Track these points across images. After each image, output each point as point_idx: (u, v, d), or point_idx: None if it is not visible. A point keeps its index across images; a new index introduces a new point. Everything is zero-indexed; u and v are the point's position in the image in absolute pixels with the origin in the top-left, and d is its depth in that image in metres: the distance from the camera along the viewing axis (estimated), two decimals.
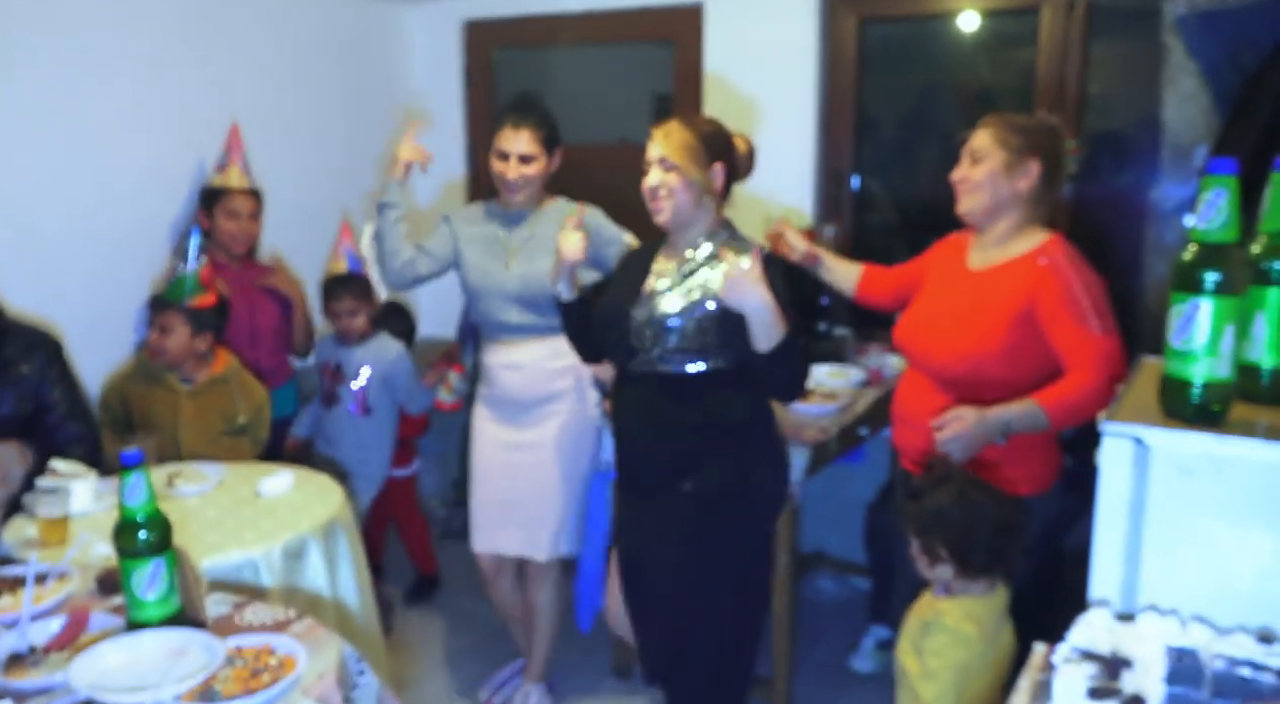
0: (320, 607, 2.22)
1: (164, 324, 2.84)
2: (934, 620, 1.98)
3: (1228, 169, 1.25)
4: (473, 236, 2.78)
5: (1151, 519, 1.27)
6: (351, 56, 4.01)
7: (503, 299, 2.73)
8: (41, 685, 1.50)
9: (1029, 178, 2.21)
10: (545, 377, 2.76)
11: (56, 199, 2.94)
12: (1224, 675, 1.11)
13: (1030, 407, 2.10)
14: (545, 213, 2.77)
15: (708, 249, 2.25)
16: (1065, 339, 2.13)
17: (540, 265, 2.67)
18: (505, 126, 2.66)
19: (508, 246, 2.75)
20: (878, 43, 3.66)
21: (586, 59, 4.22)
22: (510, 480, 2.81)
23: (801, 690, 3.04)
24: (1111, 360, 2.09)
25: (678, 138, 2.19)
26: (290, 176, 3.66)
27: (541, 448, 2.78)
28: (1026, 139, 2.21)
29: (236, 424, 2.93)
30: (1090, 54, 3.27)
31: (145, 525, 1.61)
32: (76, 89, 2.97)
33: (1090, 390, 2.07)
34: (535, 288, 2.67)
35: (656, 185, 2.20)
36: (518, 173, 2.66)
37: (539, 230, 2.74)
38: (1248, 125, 2.54)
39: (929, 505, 1.97)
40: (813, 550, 3.77)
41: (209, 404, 2.90)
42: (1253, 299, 1.32)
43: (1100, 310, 2.13)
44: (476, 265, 2.75)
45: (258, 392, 3.01)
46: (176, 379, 2.88)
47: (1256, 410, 1.30)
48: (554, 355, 2.74)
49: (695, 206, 2.22)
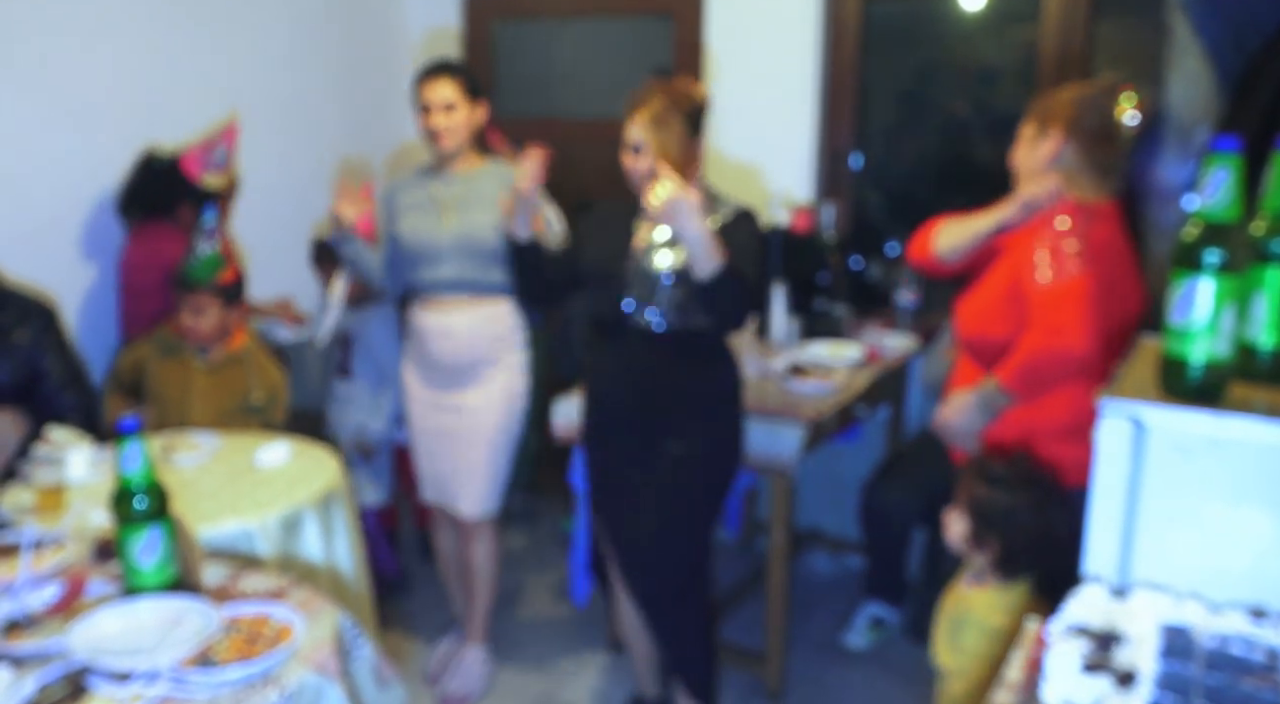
0: (316, 577, 2.23)
1: (198, 306, 2.80)
2: (963, 617, 1.95)
3: (1232, 147, 1.25)
4: (409, 204, 2.79)
5: (1148, 497, 1.28)
6: (349, 29, 3.98)
7: (437, 255, 2.73)
8: (39, 650, 1.51)
9: (1051, 145, 2.17)
10: (479, 343, 2.77)
11: (49, 168, 2.92)
12: (1216, 652, 1.12)
13: (987, 378, 2.12)
14: (481, 171, 2.78)
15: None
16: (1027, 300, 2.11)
17: (477, 218, 2.70)
18: (423, 79, 2.72)
19: (442, 203, 2.75)
20: (880, 19, 3.63)
21: (586, 33, 4.19)
22: (441, 439, 2.85)
23: (795, 666, 3.06)
24: (1051, 304, 2.02)
25: (663, 126, 2.25)
26: (284, 155, 3.65)
27: (473, 412, 2.80)
28: (1050, 107, 2.19)
29: (250, 403, 2.90)
30: (1094, 33, 3.26)
31: (142, 492, 1.61)
32: (68, 57, 2.94)
33: (1028, 345, 2.05)
34: (472, 241, 2.70)
35: (646, 170, 2.26)
36: (443, 122, 2.69)
37: (474, 186, 2.75)
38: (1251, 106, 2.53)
39: (1003, 501, 1.91)
40: (808, 528, 3.79)
41: (222, 381, 2.88)
42: (1253, 278, 1.32)
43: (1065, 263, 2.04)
44: (412, 227, 2.75)
45: (274, 373, 2.98)
46: (192, 353, 2.87)
47: (1255, 390, 1.30)
48: (489, 321, 2.77)
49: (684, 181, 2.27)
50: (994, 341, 2.19)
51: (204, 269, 2.82)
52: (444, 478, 2.88)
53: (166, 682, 1.43)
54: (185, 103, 3.29)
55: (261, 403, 2.93)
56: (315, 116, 3.84)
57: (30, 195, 2.88)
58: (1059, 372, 2.06)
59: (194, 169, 3.05)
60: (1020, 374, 2.08)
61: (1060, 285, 2.03)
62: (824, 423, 2.82)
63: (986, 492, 1.94)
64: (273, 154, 3.57)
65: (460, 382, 2.80)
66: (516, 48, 4.26)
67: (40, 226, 2.91)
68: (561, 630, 3.27)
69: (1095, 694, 1.06)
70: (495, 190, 2.71)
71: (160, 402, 2.85)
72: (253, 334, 3.01)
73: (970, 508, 1.95)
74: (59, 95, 2.94)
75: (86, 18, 2.98)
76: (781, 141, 3.61)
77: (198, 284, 2.80)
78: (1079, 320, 2.00)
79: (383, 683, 1.77)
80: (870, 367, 3.13)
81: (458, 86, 2.69)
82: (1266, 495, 1.21)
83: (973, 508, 1.94)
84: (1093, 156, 2.18)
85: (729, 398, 2.45)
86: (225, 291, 2.84)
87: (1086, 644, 1.14)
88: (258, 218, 3.49)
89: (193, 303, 2.80)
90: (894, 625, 3.22)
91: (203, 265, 2.82)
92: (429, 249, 2.73)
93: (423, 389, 2.86)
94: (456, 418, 2.82)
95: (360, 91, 4.05)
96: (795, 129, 3.64)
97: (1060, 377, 2.07)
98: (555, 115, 4.23)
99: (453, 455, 2.84)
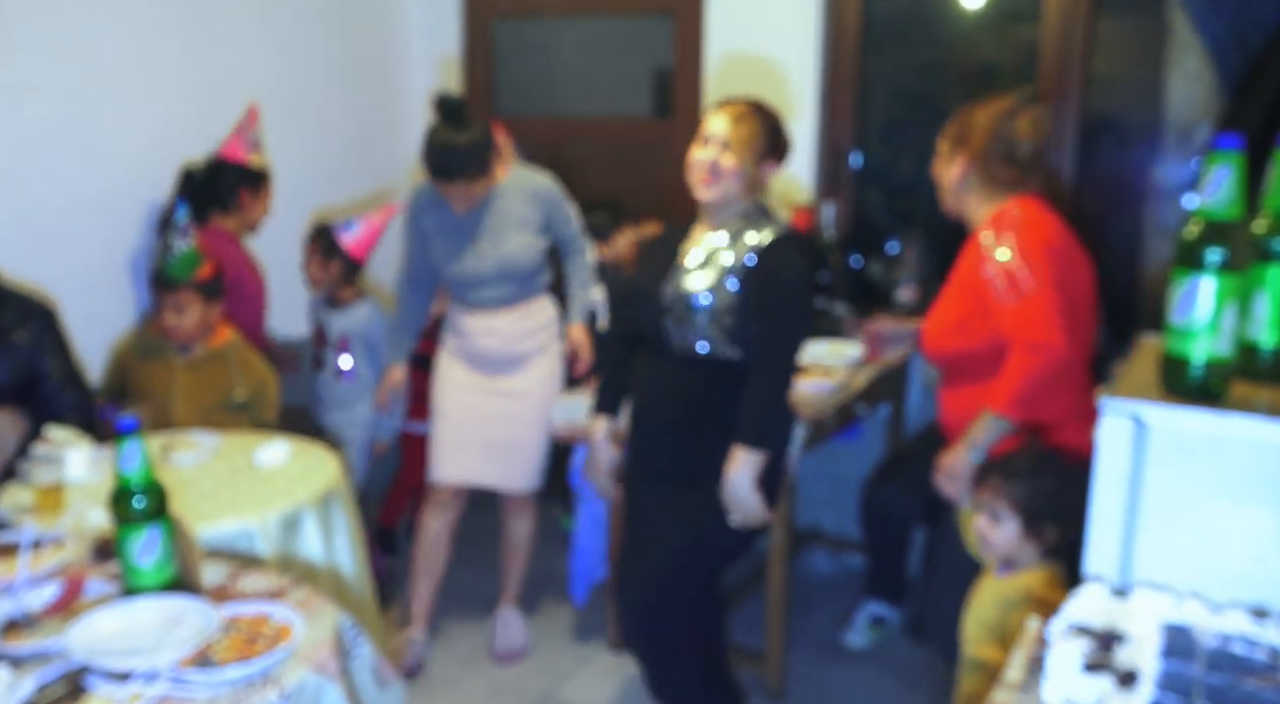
0: (316, 577, 2.23)
1: (180, 303, 2.79)
2: (1019, 597, 1.92)
3: (1233, 145, 1.24)
4: (436, 226, 2.83)
5: (1149, 496, 1.27)
6: (348, 29, 3.97)
7: (479, 282, 2.83)
8: (37, 650, 1.50)
9: (956, 170, 2.33)
10: (519, 337, 2.89)
11: (51, 168, 2.92)
12: (1218, 651, 1.12)
13: (984, 416, 2.16)
14: (502, 189, 2.80)
15: (734, 229, 2.26)
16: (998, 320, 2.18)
17: (512, 244, 2.78)
18: (438, 181, 2.68)
19: (474, 234, 2.80)
20: (880, 18, 3.63)
21: (586, 31, 4.19)
22: (486, 421, 2.92)
23: (795, 665, 3.06)
24: (1023, 322, 2.10)
25: (748, 126, 2.21)
26: (283, 154, 3.64)
27: (522, 395, 2.92)
28: (958, 131, 2.34)
29: (234, 400, 2.89)
30: (1094, 31, 3.25)
31: (141, 492, 1.61)
32: (72, 56, 2.94)
33: (1016, 369, 2.11)
34: (513, 266, 2.79)
35: (713, 161, 2.21)
36: (464, 206, 2.75)
37: (500, 208, 2.79)
38: (1252, 103, 2.53)
39: (1047, 487, 1.91)
40: (808, 527, 3.78)
41: (204, 377, 2.87)
42: (1254, 277, 1.31)
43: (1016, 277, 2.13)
44: (447, 254, 2.82)
45: (260, 370, 2.96)
46: (173, 351, 2.86)
47: (1256, 389, 1.30)
48: (527, 316, 2.90)
49: (741, 194, 2.25)
50: (964, 354, 2.29)
51: (182, 266, 2.80)
52: (478, 457, 2.93)
53: (165, 682, 1.42)
54: (185, 101, 3.28)
55: (245, 399, 2.90)
56: (316, 115, 3.83)
57: (31, 195, 2.87)
58: (1050, 381, 2.12)
59: (238, 152, 3.13)
60: (1018, 398, 2.13)
61: (1024, 303, 2.11)
62: (824, 421, 2.81)
63: (1026, 486, 1.93)
64: (270, 150, 3.55)
65: (507, 369, 2.92)
66: (517, 46, 4.25)
67: (41, 226, 2.90)
68: (561, 630, 3.26)
69: (1096, 694, 1.06)
70: (521, 207, 2.79)
71: (145, 401, 2.84)
72: (236, 330, 3.00)
73: (1017, 507, 1.93)
74: (60, 95, 2.93)
75: (87, 17, 2.97)
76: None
77: (178, 282, 2.79)
78: (1051, 328, 2.08)
79: (382, 683, 1.76)
80: (870, 365, 3.13)
81: (470, 179, 2.68)
82: (1268, 495, 1.21)
83: (1019, 506, 1.93)
84: (995, 175, 2.29)
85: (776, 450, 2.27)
86: (204, 287, 2.83)
87: (1087, 644, 1.14)
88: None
89: (174, 301, 2.80)
90: (894, 624, 3.22)
91: (181, 262, 2.80)
92: (472, 278, 2.83)
93: (467, 374, 2.93)
94: (506, 401, 2.92)
95: (360, 90, 4.04)
96: (796, 128, 3.61)
97: (1051, 384, 2.13)
98: (555, 114, 4.22)
99: (499, 435, 2.92)
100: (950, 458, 2.25)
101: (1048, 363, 2.08)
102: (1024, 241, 2.18)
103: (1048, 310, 2.09)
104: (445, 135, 2.64)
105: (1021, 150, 2.28)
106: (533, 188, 2.84)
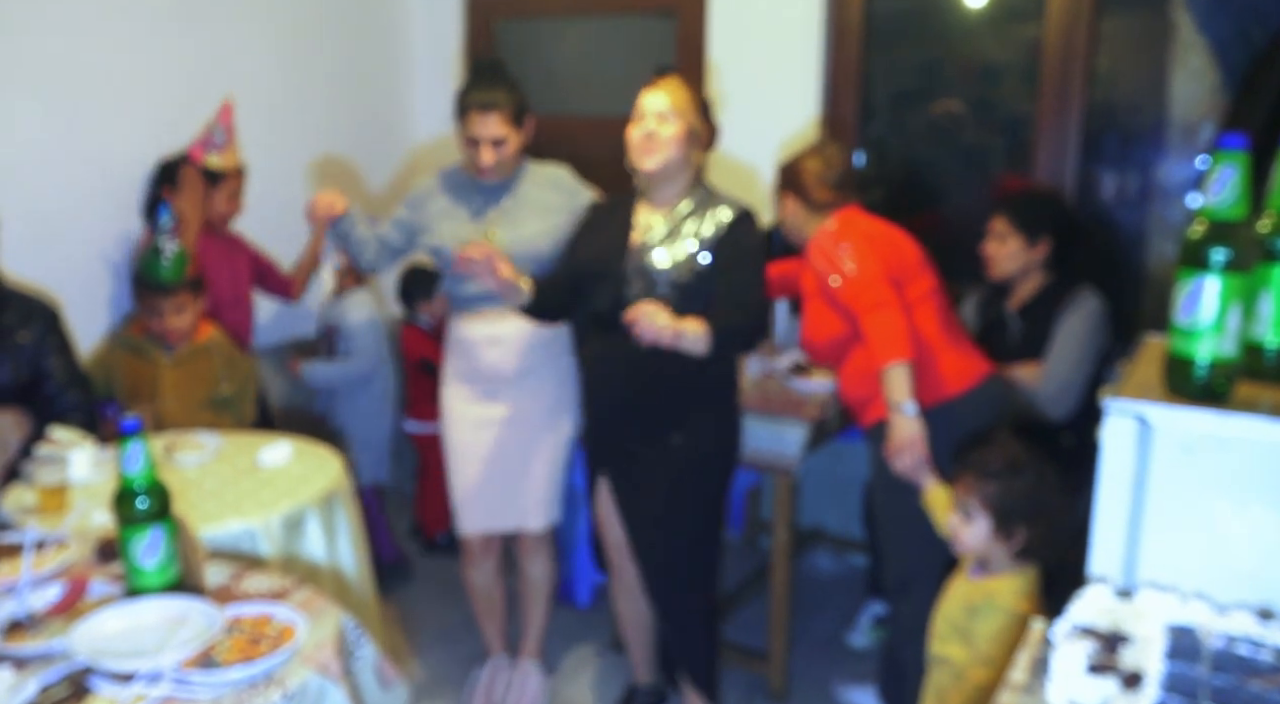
0: (319, 577, 2.23)
1: (179, 304, 2.79)
2: (984, 603, 1.93)
3: (1238, 144, 1.24)
4: (446, 211, 2.64)
5: (1153, 496, 1.27)
6: (351, 29, 3.97)
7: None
8: (41, 651, 1.51)
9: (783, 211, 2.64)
10: (527, 347, 2.65)
11: (51, 168, 2.92)
12: (1223, 652, 1.12)
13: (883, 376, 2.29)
14: (523, 175, 2.65)
15: (692, 203, 2.42)
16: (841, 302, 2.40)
17: (525, 230, 2.59)
18: (471, 111, 2.52)
19: (488, 218, 2.61)
20: (883, 18, 3.62)
21: (589, 32, 4.18)
22: (491, 459, 2.69)
23: (798, 665, 3.05)
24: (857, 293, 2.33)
25: (682, 92, 2.38)
26: (283, 154, 3.64)
27: (521, 421, 2.67)
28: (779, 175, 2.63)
29: (220, 395, 2.89)
30: (1097, 30, 3.24)
31: (144, 493, 1.61)
32: (68, 56, 2.94)
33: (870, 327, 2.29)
34: (522, 254, 2.56)
35: (651, 130, 2.34)
36: (492, 157, 2.53)
37: (519, 193, 2.63)
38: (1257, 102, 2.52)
39: (1021, 487, 1.92)
40: (811, 527, 3.78)
41: (191, 373, 2.87)
42: (1259, 277, 1.31)
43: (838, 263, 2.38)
44: (456, 239, 2.59)
45: (244, 363, 2.98)
46: (158, 349, 2.85)
47: (1261, 389, 1.30)
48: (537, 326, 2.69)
49: (684, 162, 2.39)
50: (832, 341, 2.52)
51: (176, 268, 2.80)
52: (498, 499, 2.71)
53: (169, 682, 1.42)
54: (186, 101, 3.28)
55: (231, 393, 2.91)
56: (317, 115, 3.83)
57: (32, 195, 2.87)
58: (902, 322, 2.32)
59: (197, 154, 3.08)
60: (888, 344, 2.28)
61: (850, 281, 2.36)
62: (827, 421, 2.81)
63: (999, 486, 1.93)
64: (272, 149, 3.55)
65: (511, 391, 2.67)
66: (518, 46, 4.25)
67: (42, 226, 2.90)
68: (561, 630, 3.26)
69: (1101, 695, 1.06)
70: (540, 194, 2.62)
71: (133, 401, 2.84)
72: (218, 325, 3.00)
73: (988, 506, 1.94)
74: (60, 94, 2.93)
75: (86, 17, 2.97)
76: (783, 140, 3.60)
77: (174, 284, 2.79)
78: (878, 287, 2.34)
79: (385, 683, 1.77)
80: None
81: (507, 119, 2.52)
82: (1273, 495, 1.20)
83: (992, 505, 1.93)
84: (811, 204, 2.55)
85: (727, 387, 2.50)
86: (194, 285, 2.85)
87: (1092, 645, 1.13)
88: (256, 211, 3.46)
89: (174, 303, 2.79)
90: None
91: (174, 264, 2.80)
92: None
93: (469, 405, 2.70)
94: (510, 431, 2.68)
95: (362, 89, 4.04)
96: (798, 127, 3.63)
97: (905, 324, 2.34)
98: (557, 114, 4.21)
99: (510, 472, 2.70)
100: (891, 431, 2.29)
101: (891, 312, 2.31)
102: (837, 236, 2.44)
103: (871, 277, 2.33)
104: (487, 77, 2.59)
105: (828, 178, 2.56)
106: (552, 175, 2.69)
